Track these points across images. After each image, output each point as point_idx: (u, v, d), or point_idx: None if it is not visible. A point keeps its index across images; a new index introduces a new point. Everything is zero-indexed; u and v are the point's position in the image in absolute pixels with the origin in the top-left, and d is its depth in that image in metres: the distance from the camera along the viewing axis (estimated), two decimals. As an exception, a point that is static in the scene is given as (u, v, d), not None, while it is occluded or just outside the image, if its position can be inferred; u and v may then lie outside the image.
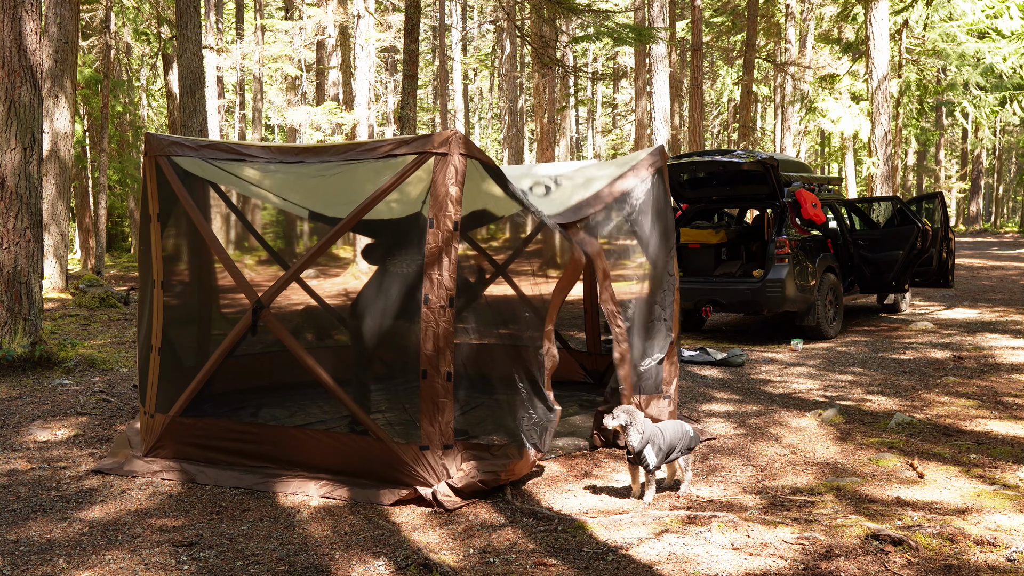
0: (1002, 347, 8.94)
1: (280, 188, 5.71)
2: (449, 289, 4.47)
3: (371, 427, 4.67)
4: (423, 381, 4.48)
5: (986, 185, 50.04)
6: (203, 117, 12.81)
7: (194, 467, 4.98)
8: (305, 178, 5.25)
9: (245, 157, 5.13)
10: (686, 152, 19.39)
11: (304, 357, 4.90)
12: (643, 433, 4.46)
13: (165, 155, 5.19)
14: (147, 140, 5.30)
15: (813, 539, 3.83)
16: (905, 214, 10.78)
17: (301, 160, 4.98)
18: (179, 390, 5.15)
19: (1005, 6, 20.99)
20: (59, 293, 13.80)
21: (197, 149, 5.17)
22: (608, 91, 48.87)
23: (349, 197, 5.08)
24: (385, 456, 4.58)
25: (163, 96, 30.15)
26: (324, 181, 5.21)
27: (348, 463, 4.73)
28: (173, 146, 5.21)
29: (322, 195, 5.67)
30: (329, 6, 24.29)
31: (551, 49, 18.83)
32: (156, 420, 5.17)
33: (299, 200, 5.90)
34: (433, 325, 4.46)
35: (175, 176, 5.16)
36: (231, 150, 5.17)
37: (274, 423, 5.62)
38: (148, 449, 5.18)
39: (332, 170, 5.00)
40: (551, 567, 3.65)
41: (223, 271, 5.37)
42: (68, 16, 14.23)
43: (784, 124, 30.90)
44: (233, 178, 5.44)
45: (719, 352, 8.76)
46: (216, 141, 5.38)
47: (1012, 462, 5.04)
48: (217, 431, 5.09)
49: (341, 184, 5.20)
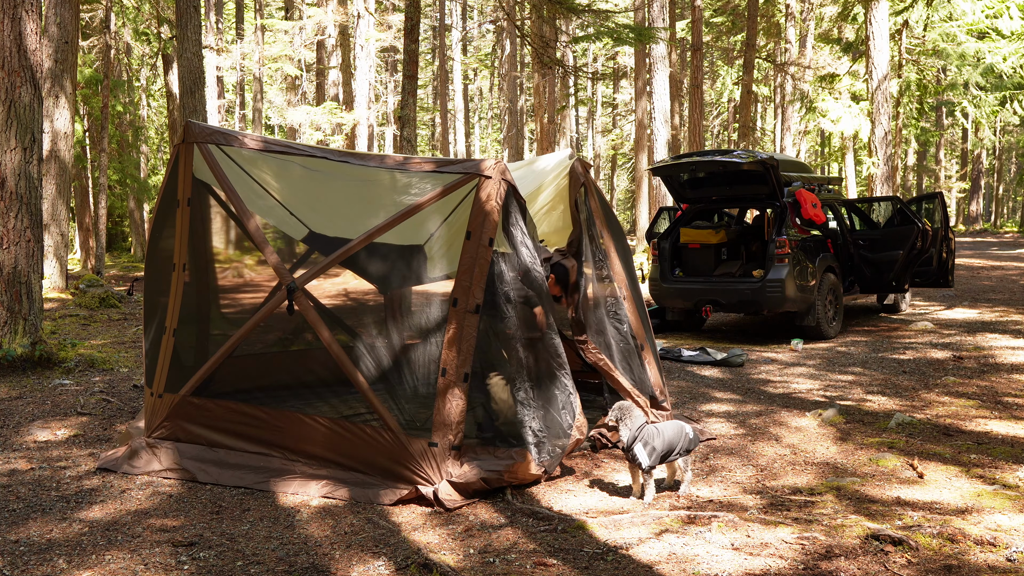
0: (1002, 347, 8.94)
1: (319, 187, 5.74)
2: (476, 296, 4.64)
3: (384, 415, 4.70)
4: (441, 379, 4.60)
5: (986, 185, 50.07)
6: (203, 117, 12.82)
7: (195, 462, 5.00)
8: (348, 180, 5.36)
9: (292, 151, 5.25)
10: (686, 152, 19.40)
11: (330, 342, 4.93)
12: (632, 430, 4.47)
13: (207, 143, 5.26)
14: (187, 127, 5.36)
15: (813, 539, 3.83)
16: (905, 214, 10.77)
17: (346, 160, 5.21)
18: (192, 370, 5.23)
19: (1005, 6, 20.98)
20: (59, 293, 13.80)
21: (240, 140, 5.28)
22: (608, 91, 48.87)
23: (387, 203, 5.21)
24: (392, 449, 4.64)
25: (163, 96, 30.16)
26: (366, 185, 5.35)
27: (353, 454, 4.78)
28: (216, 135, 5.30)
29: (361, 199, 5.73)
30: (329, 6, 24.29)
31: (551, 49, 18.84)
32: (164, 400, 5.22)
33: (317, 209, 5.93)
34: (458, 328, 4.60)
35: (216, 164, 5.23)
36: (279, 144, 5.29)
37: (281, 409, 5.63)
38: (152, 430, 5.21)
39: (373, 175, 5.20)
40: (551, 567, 3.65)
41: (248, 259, 5.60)
42: (68, 16, 14.23)
43: (784, 124, 30.91)
44: (252, 179, 5.51)
45: (719, 352, 8.76)
46: (264, 136, 5.52)
47: (1012, 462, 5.04)
48: (225, 413, 5.14)
49: (378, 192, 5.34)
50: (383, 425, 4.68)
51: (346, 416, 5.31)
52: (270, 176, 5.53)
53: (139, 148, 26.95)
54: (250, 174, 5.38)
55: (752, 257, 10.75)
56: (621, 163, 49.35)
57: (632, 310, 5.66)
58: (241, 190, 5.31)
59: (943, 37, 22.85)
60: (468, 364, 4.62)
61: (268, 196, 5.69)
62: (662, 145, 19.48)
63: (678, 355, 8.75)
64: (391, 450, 4.64)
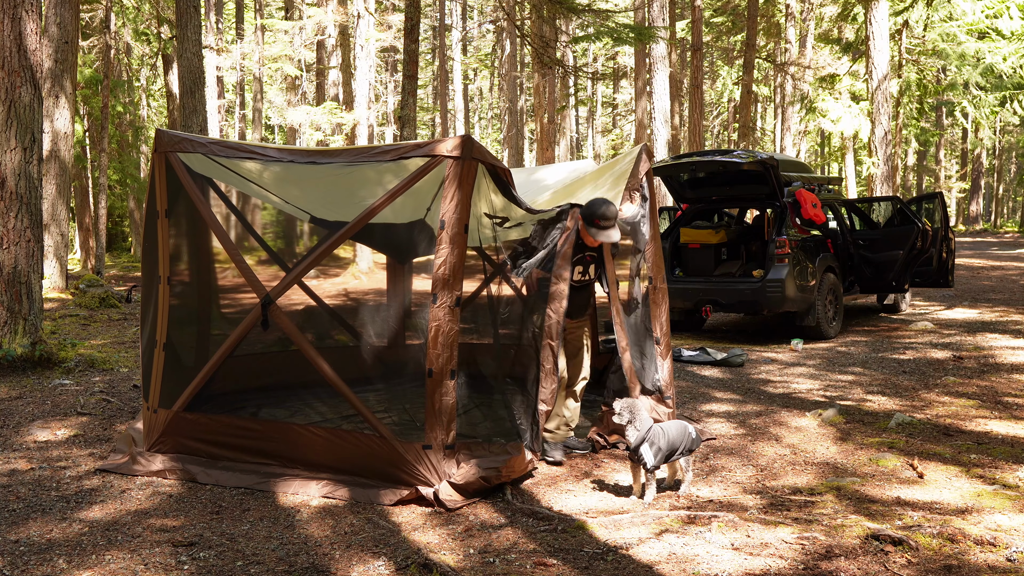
0: (1002, 347, 8.94)
1: (288, 188, 5.72)
2: (456, 290, 4.51)
3: (375, 424, 4.66)
4: (428, 380, 4.49)
5: (986, 185, 50.06)
6: (203, 117, 12.81)
7: (196, 466, 4.99)
8: (315, 179, 5.27)
9: (257, 156, 5.16)
10: (686, 152, 19.41)
11: (310, 352, 4.92)
12: (641, 431, 4.46)
13: (176, 151, 5.20)
14: (158, 136, 5.30)
15: (813, 539, 3.83)
16: (905, 214, 10.78)
17: (312, 161, 5.02)
18: (183, 385, 5.18)
19: (1005, 6, 20.99)
20: (59, 293, 13.80)
21: (207, 146, 5.20)
22: (608, 91, 48.87)
23: (358, 199, 5.11)
24: (387, 454, 4.59)
25: (163, 96, 30.16)
26: (334, 182, 5.23)
27: (350, 461, 4.73)
28: (184, 143, 5.23)
29: (331, 196, 5.68)
30: (329, 6, 24.28)
31: (551, 49, 18.83)
32: (159, 415, 5.19)
33: (306, 201, 5.91)
34: (440, 324, 4.48)
35: (185, 173, 5.18)
36: (242, 149, 5.20)
37: (276, 420, 5.63)
38: (151, 444, 5.20)
39: (342, 171, 5.02)
40: (551, 567, 3.65)
41: (228, 268, 5.44)
42: (68, 16, 14.22)
43: (784, 124, 30.91)
44: (240, 178, 5.46)
45: (719, 352, 8.76)
46: (228, 140, 5.41)
47: (1012, 462, 5.04)
48: (220, 427, 5.11)
49: (351, 185, 5.22)
50: (375, 432, 4.65)
51: (345, 416, 5.32)
52: (247, 177, 5.48)
53: (139, 148, 26.94)
54: (238, 173, 5.35)
55: (752, 257, 10.75)
56: (621, 163, 49.20)
57: (662, 302, 5.65)
58: (225, 192, 5.26)
59: (943, 37, 22.85)
60: (454, 361, 4.52)
61: (261, 190, 5.67)
62: (662, 145, 19.48)
63: (678, 355, 8.75)
64: (387, 456, 4.59)
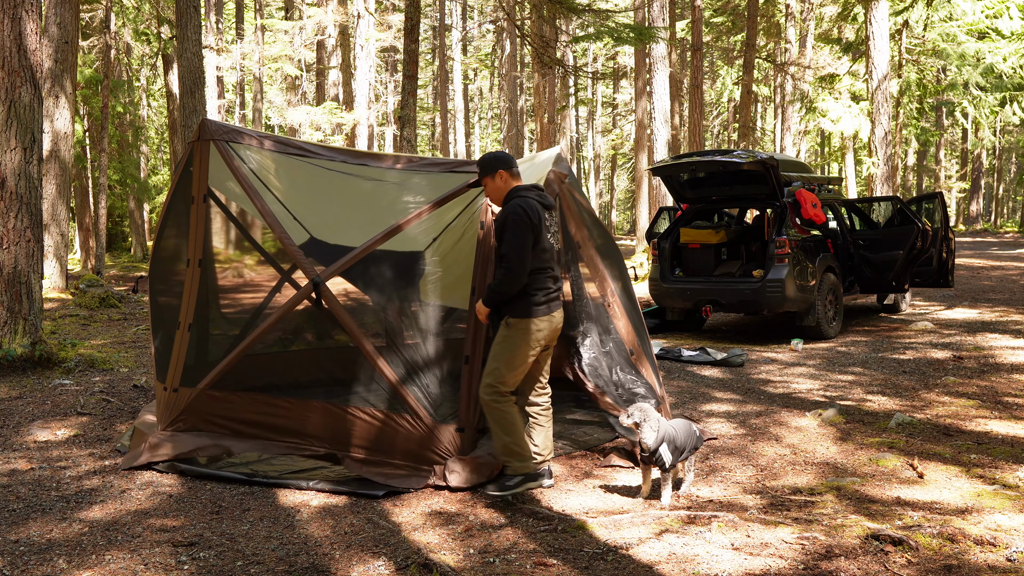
0: (1002, 347, 8.94)
1: (334, 186, 5.74)
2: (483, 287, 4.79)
3: (413, 404, 4.78)
4: (465, 366, 4.77)
5: (986, 185, 50.07)
6: (203, 117, 12.79)
7: (230, 440, 5.10)
8: (363, 180, 5.42)
9: (308, 154, 5.32)
10: (686, 152, 19.40)
11: (354, 331, 4.96)
12: (657, 431, 4.43)
13: (224, 140, 5.30)
14: (203, 125, 5.38)
15: (813, 539, 3.83)
16: (905, 214, 10.77)
17: (363, 163, 5.33)
18: (210, 364, 5.29)
19: (1005, 6, 20.99)
20: (59, 293, 13.80)
21: (258, 139, 5.33)
22: (608, 91, 48.88)
23: (405, 203, 5.31)
24: (420, 436, 4.76)
25: (163, 96, 30.16)
26: (381, 186, 5.42)
27: (381, 442, 4.86)
28: (232, 133, 5.35)
29: (376, 199, 5.76)
30: (329, 6, 24.29)
31: (551, 49, 18.83)
32: (181, 394, 5.23)
33: (351, 200, 5.94)
34: (476, 316, 4.76)
35: (235, 159, 5.27)
36: (291, 144, 5.37)
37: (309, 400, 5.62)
38: (168, 423, 5.24)
39: (392, 176, 5.30)
40: (551, 567, 3.65)
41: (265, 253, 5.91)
42: (68, 16, 14.23)
43: (784, 124, 30.92)
44: (282, 173, 5.58)
45: (719, 352, 8.76)
46: (278, 135, 5.74)
47: (1012, 462, 5.04)
48: (250, 404, 5.17)
49: (399, 191, 5.41)
50: (414, 415, 4.80)
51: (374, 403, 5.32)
52: (276, 177, 5.56)
53: (139, 148, 26.96)
54: (257, 175, 5.40)
55: (752, 257, 10.75)
56: (621, 163, 49.36)
57: (622, 315, 5.41)
58: (278, 179, 5.41)
59: (943, 37, 22.85)
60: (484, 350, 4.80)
61: (272, 197, 5.69)
62: (662, 145, 19.48)
63: (678, 355, 8.75)
64: (420, 437, 4.77)
